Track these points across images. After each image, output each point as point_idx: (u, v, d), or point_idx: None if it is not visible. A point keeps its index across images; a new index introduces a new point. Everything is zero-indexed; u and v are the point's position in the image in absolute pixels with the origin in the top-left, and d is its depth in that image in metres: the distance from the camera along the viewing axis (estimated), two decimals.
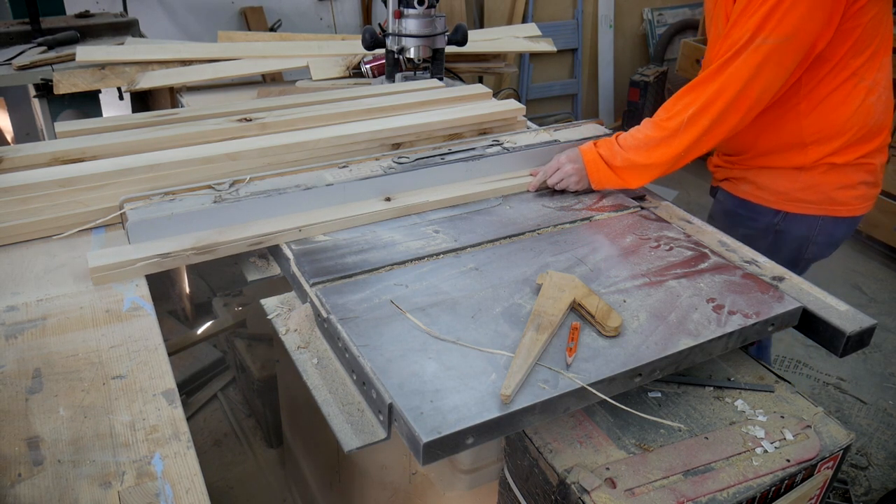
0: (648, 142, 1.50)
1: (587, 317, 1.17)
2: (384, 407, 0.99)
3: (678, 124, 1.46)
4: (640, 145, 1.51)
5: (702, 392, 1.22)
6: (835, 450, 1.12)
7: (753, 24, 1.37)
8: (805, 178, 1.62)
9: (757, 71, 1.39)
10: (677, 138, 1.47)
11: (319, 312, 1.18)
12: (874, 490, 2.38)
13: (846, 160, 1.59)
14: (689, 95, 1.47)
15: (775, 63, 1.40)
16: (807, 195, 1.64)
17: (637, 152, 1.51)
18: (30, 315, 1.16)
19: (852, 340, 1.23)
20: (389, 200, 1.48)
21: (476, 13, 4.72)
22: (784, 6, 1.34)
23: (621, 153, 1.53)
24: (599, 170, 1.55)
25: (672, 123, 1.47)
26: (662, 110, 1.52)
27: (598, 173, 1.56)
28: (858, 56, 1.49)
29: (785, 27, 1.36)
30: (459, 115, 1.78)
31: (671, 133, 1.47)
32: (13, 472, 0.89)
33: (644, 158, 1.51)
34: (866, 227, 3.76)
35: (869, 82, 1.53)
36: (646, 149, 1.50)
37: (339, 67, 2.35)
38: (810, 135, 1.57)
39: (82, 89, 2.23)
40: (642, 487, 1.02)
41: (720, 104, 1.43)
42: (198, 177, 1.47)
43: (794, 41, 1.38)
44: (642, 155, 1.51)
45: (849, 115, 1.54)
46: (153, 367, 1.07)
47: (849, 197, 1.63)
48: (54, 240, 1.35)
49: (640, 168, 1.52)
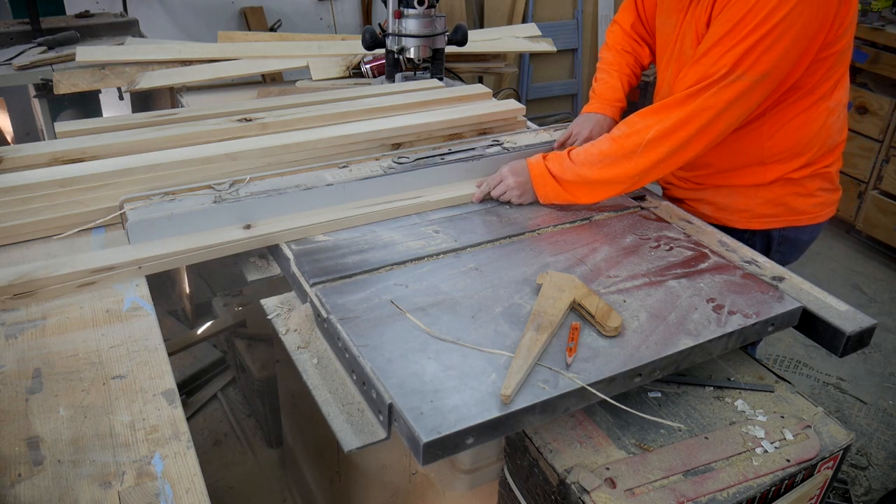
0: (603, 158, 1.44)
1: (587, 317, 1.17)
2: (384, 407, 0.99)
3: (635, 145, 1.40)
4: (594, 161, 1.45)
5: (702, 392, 1.22)
6: (835, 450, 1.12)
7: (730, 59, 1.32)
8: (763, 192, 1.59)
9: (727, 106, 1.35)
10: (633, 160, 1.41)
11: (319, 312, 1.18)
12: (874, 490, 2.38)
13: (803, 175, 1.57)
14: (653, 118, 1.40)
15: (746, 98, 1.35)
16: (767, 209, 1.60)
17: (590, 168, 1.45)
18: (30, 315, 1.16)
19: (852, 340, 1.23)
20: (249, 228, 1.37)
21: (476, 13, 4.72)
22: (763, 45, 1.30)
23: (572, 168, 1.47)
24: (546, 184, 1.50)
25: (629, 143, 1.41)
26: (623, 125, 1.46)
27: (544, 188, 1.51)
28: (827, 81, 1.46)
29: (762, 66, 1.32)
30: (459, 115, 1.78)
31: (628, 152, 1.41)
32: (13, 472, 0.89)
33: (596, 174, 1.45)
34: (866, 227, 3.76)
35: (831, 103, 1.50)
36: (599, 165, 1.44)
37: (339, 67, 2.35)
38: (772, 155, 1.54)
39: (82, 89, 2.23)
40: (642, 487, 1.02)
41: (683, 134, 1.38)
42: (198, 177, 1.47)
43: (769, 79, 1.34)
44: (595, 171, 1.44)
45: (811, 135, 1.51)
46: (153, 367, 1.07)
47: (808, 205, 1.61)
48: (54, 240, 1.35)
49: (592, 184, 1.46)
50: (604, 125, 1.70)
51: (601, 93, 1.79)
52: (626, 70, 1.79)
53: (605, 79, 1.81)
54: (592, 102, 1.78)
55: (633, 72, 1.81)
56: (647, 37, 1.82)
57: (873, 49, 3.57)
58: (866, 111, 3.65)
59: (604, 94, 1.78)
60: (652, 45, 1.80)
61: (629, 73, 1.80)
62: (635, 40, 1.82)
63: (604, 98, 1.77)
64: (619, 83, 1.78)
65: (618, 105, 1.75)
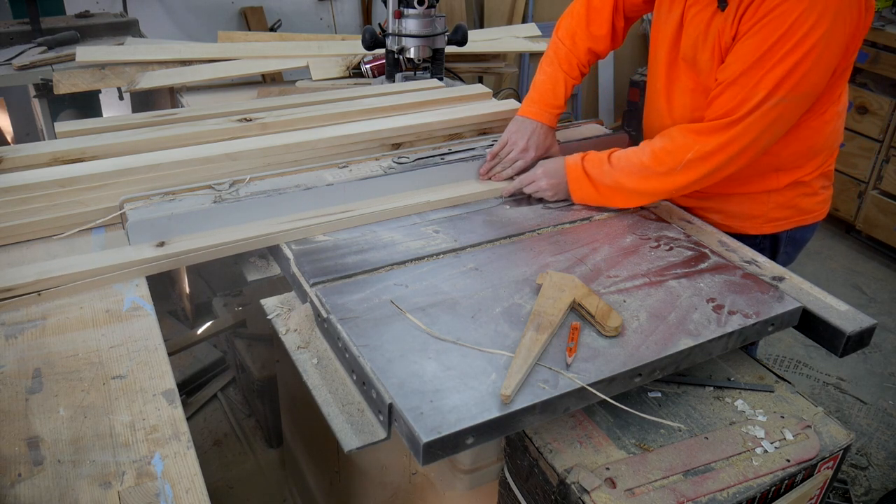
0: (643, 170, 1.44)
1: (587, 317, 1.17)
2: (384, 407, 0.99)
3: (675, 162, 1.40)
4: (634, 170, 1.45)
5: (702, 392, 1.22)
6: (835, 450, 1.12)
7: (770, 82, 1.29)
8: (776, 197, 1.59)
9: (768, 127, 1.34)
10: (671, 177, 1.41)
11: (319, 312, 1.18)
12: (874, 490, 2.38)
13: (813, 176, 1.57)
14: (693, 138, 1.39)
15: (787, 118, 1.35)
16: (779, 213, 1.60)
17: (628, 177, 1.45)
18: (30, 315, 1.16)
19: (852, 340, 1.23)
20: (162, 245, 1.30)
21: (476, 13, 4.71)
22: (804, 67, 1.27)
23: (611, 173, 1.47)
24: (582, 186, 1.51)
25: (668, 160, 1.41)
26: (664, 138, 1.44)
27: (580, 189, 1.51)
28: (840, 87, 1.46)
29: (804, 86, 1.30)
30: (459, 115, 1.78)
31: (667, 170, 1.41)
32: (13, 472, 0.89)
33: (634, 184, 1.45)
34: (866, 227, 3.76)
35: (840, 107, 1.50)
36: (639, 175, 1.44)
37: (339, 67, 2.35)
38: (788, 162, 1.54)
39: (82, 89, 2.23)
40: (642, 487, 1.02)
41: (723, 157, 1.37)
42: (198, 177, 1.47)
43: (810, 97, 1.35)
44: (633, 180, 1.45)
45: (825, 139, 1.52)
46: (153, 367, 1.07)
47: (813, 204, 1.61)
48: (54, 240, 1.35)
49: (628, 192, 1.48)
50: (541, 134, 1.63)
51: (542, 95, 1.67)
52: (574, 72, 1.68)
53: (549, 75, 1.69)
54: (530, 105, 1.67)
55: (582, 71, 1.70)
56: (620, 21, 1.70)
57: (873, 49, 3.57)
58: (866, 111, 3.66)
59: (544, 98, 1.67)
60: (618, 33, 1.71)
61: (577, 74, 1.69)
62: (601, 25, 1.68)
63: (543, 102, 1.66)
64: (562, 86, 1.67)
65: (556, 112, 1.66)
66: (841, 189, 3.78)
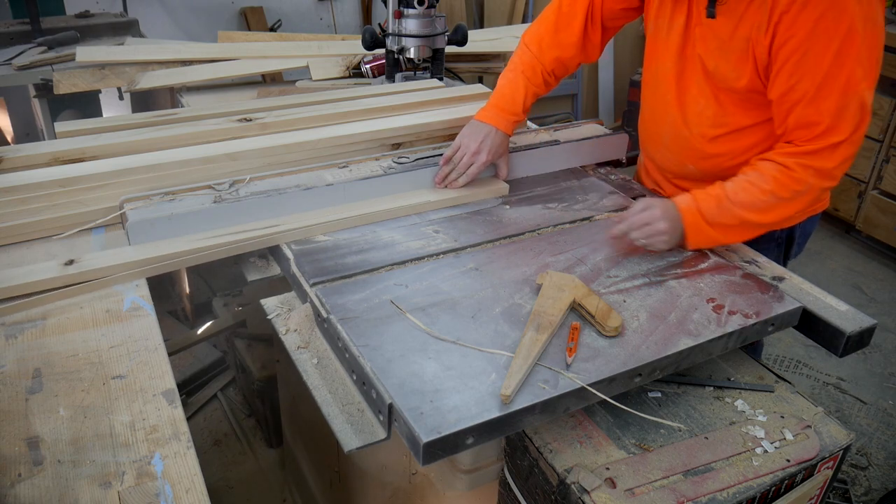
0: (769, 200, 1.34)
1: (587, 317, 1.17)
2: (384, 407, 0.99)
3: (804, 188, 1.34)
4: (758, 204, 1.34)
5: (702, 392, 1.22)
6: (835, 450, 1.12)
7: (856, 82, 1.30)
8: None
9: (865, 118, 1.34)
10: (795, 201, 1.36)
11: (319, 312, 1.18)
12: (874, 490, 2.38)
13: None
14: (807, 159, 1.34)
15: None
16: None
17: (754, 211, 1.35)
18: (30, 315, 1.16)
19: (852, 340, 1.23)
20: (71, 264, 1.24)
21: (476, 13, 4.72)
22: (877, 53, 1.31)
23: (733, 210, 1.35)
24: (700, 232, 1.37)
25: (798, 187, 1.34)
26: (775, 165, 1.35)
27: (697, 236, 1.38)
28: None
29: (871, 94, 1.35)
30: (459, 115, 1.78)
31: (792, 195, 1.35)
32: (13, 472, 0.89)
33: (760, 217, 1.36)
34: (866, 227, 3.76)
35: None
36: (764, 207, 1.35)
37: (339, 67, 2.34)
38: None
39: (82, 89, 2.23)
40: (642, 487, 1.02)
41: (846, 166, 1.35)
42: (198, 177, 1.47)
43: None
44: (759, 214, 1.35)
45: None
46: (153, 367, 1.07)
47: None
48: (54, 240, 1.35)
49: (751, 227, 1.38)
50: (494, 139, 1.56)
51: (498, 100, 1.62)
52: (537, 79, 1.63)
53: (510, 81, 1.63)
54: (487, 110, 1.61)
55: (546, 80, 1.65)
56: (595, 31, 1.64)
57: None
58: None
59: (499, 104, 1.61)
60: (591, 43, 1.65)
61: (540, 81, 1.64)
62: (570, 33, 1.62)
63: (499, 108, 1.60)
64: (521, 93, 1.61)
65: (513, 119, 1.59)
66: (841, 189, 3.77)
